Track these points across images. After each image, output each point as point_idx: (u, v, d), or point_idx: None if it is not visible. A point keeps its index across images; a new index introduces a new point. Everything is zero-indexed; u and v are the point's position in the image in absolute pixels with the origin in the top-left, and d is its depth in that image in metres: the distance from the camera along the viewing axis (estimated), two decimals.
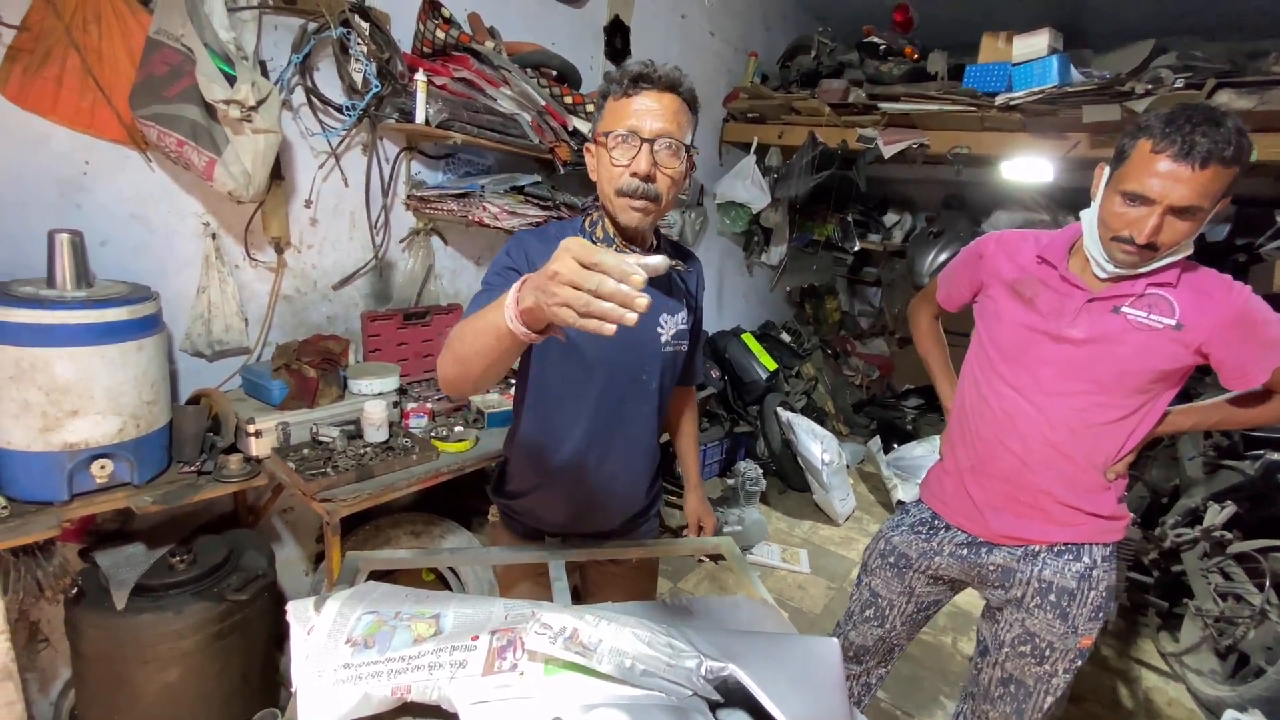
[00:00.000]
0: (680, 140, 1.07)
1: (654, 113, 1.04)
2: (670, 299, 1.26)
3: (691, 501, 1.53)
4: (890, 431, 4.25)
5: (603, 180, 1.12)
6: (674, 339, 1.26)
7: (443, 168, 2.30)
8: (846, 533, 3.31)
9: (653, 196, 1.07)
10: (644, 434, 1.31)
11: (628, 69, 1.07)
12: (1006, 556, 1.34)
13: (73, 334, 1.32)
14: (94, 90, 1.49)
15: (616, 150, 1.06)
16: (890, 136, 3.19)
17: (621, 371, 1.22)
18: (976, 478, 1.37)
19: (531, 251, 1.14)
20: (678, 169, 1.08)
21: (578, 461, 1.26)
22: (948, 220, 4.68)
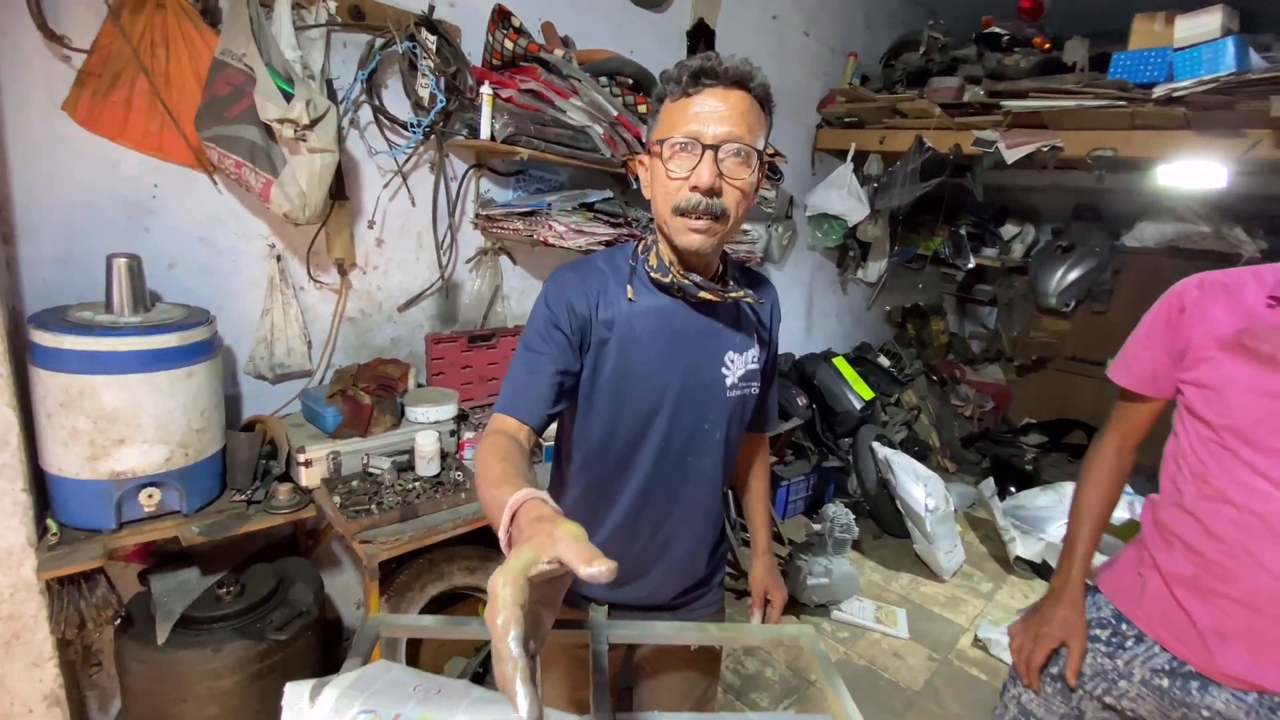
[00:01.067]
0: (750, 145, 0.88)
1: (718, 114, 0.86)
2: (738, 334, 1.05)
3: (758, 570, 1.29)
4: (1006, 472, 3.75)
5: (657, 197, 0.94)
6: (742, 381, 1.05)
7: (513, 185, 2.20)
8: (953, 591, 2.90)
9: (717, 213, 0.89)
10: (707, 493, 1.10)
11: (687, 64, 0.88)
12: (1231, 702, 0.97)
13: (120, 361, 1.29)
14: (162, 113, 1.48)
15: (673, 161, 0.89)
16: (1014, 139, 2.79)
17: (682, 422, 1.02)
18: (1201, 594, 1.00)
19: (575, 297, 0.96)
20: (747, 179, 0.89)
21: (629, 525, 1.06)
22: (1079, 233, 4.13)
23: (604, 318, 0.97)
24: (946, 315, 4.84)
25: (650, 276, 0.99)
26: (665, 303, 0.99)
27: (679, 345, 0.99)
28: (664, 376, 0.99)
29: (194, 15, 1.48)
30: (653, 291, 0.99)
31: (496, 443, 0.85)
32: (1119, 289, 4.15)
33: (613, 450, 1.02)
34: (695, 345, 1.01)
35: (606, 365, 0.98)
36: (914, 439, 4.04)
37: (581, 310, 0.96)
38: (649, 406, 1.00)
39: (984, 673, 2.37)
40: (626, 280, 0.99)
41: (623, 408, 1.00)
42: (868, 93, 3.21)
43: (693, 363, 1.01)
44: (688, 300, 0.99)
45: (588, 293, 0.97)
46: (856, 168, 3.38)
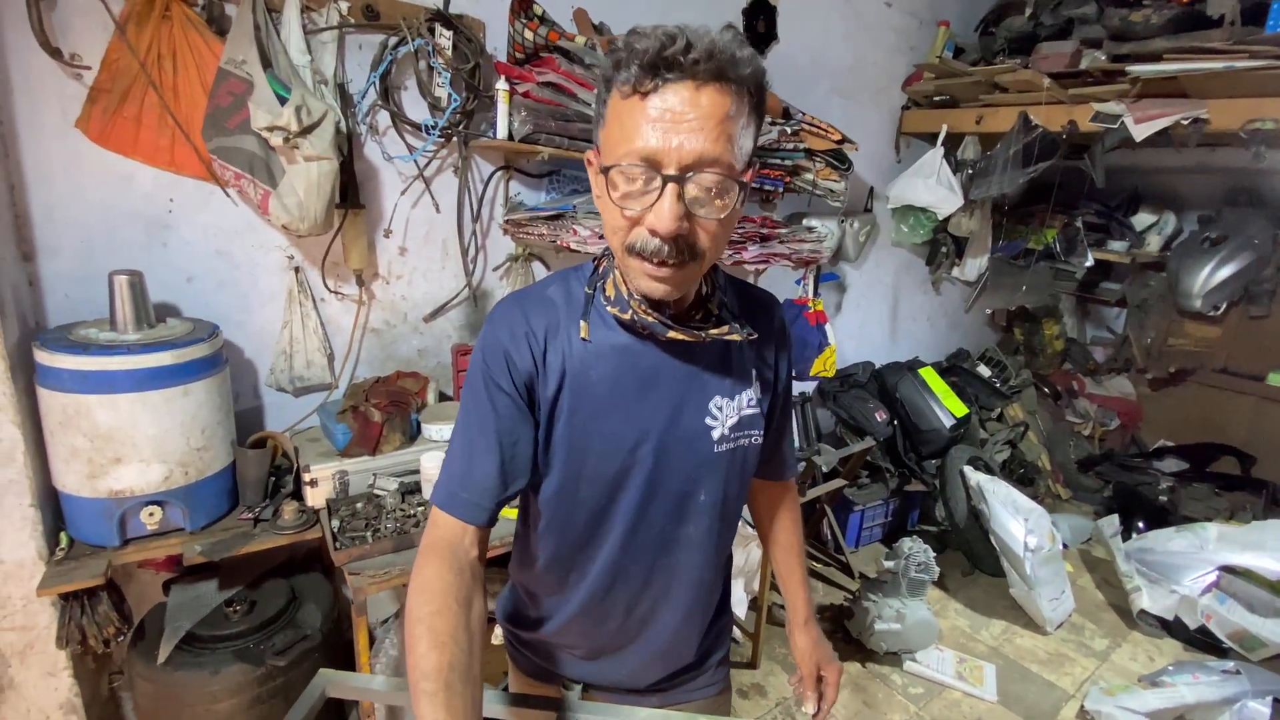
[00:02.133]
0: (732, 176, 0.65)
1: (686, 124, 0.61)
2: (728, 374, 0.83)
3: (802, 643, 1.04)
4: (1133, 504, 3.19)
5: (606, 223, 0.71)
6: (735, 431, 0.84)
7: (545, 186, 2.07)
8: (1057, 646, 2.47)
9: (684, 254, 0.67)
10: (696, 563, 0.89)
11: (635, 45, 0.62)
12: None
13: (112, 381, 1.27)
14: (172, 127, 1.47)
15: (624, 183, 0.66)
16: (1144, 111, 2.32)
17: (662, 486, 0.82)
18: None
19: (510, 343, 0.76)
20: (725, 212, 0.67)
21: (598, 601, 0.88)
22: (1233, 222, 3.45)
23: (552, 364, 0.77)
24: (1063, 318, 4.24)
25: (607, 310, 0.78)
26: (629, 341, 0.78)
27: (649, 393, 0.78)
28: (631, 433, 0.78)
29: (200, 25, 1.45)
30: (613, 327, 0.78)
31: (432, 592, 0.68)
32: None
33: (577, 518, 0.83)
34: (671, 392, 0.79)
35: (559, 422, 0.78)
36: (1019, 460, 3.55)
37: (523, 363, 0.76)
38: (615, 470, 0.79)
39: None
40: (581, 315, 0.78)
41: (582, 473, 0.80)
42: (961, 66, 2.80)
43: (669, 414, 0.79)
44: (656, 339, 0.77)
45: (532, 333, 0.77)
46: (948, 152, 2.97)
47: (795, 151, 2.17)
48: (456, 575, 0.70)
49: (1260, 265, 3.36)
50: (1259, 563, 2.37)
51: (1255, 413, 3.53)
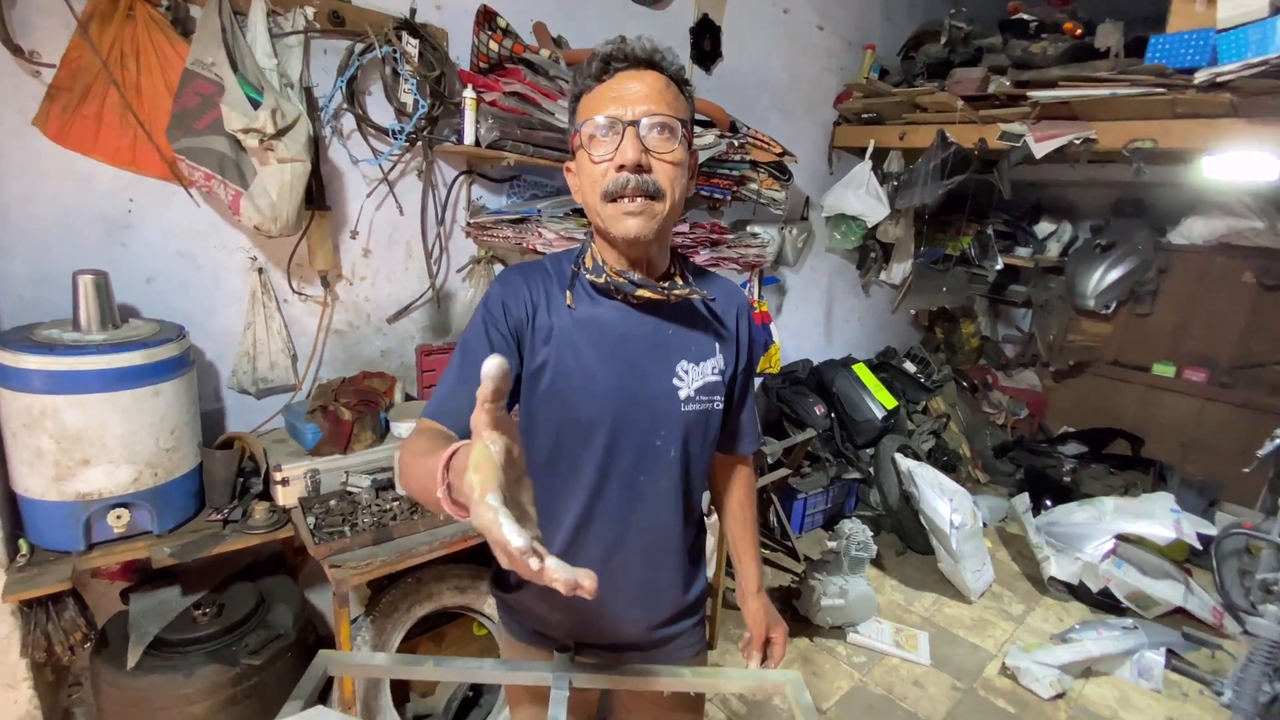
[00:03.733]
0: (671, 115, 0.84)
1: (635, 93, 0.83)
2: (691, 338, 0.96)
3: (753, 608, 1.17)
4: (1041, 485, 3.53)
5: (586, 190, 0.88)
6: (700, 393, 0.96)
7: (507, 191, 2.14)
8: (980, 613, 2.72)
9: (650, 191, 0.83)
10: (667, 515, 1.00)
11: (596, 51, 0.86)
12: None
13: (83, 380, 1.26)
14: (134, 126, 1.46)
15: (595, 146, 0.85)
16: (1044, 131, 2.62)
17: (628, 437, 0.93)
18: None
19: (513, 300, 0.90)
20: (676, 153, 0.85)
21: (575, 547, 0.97)
22: (1120, 230, 3.90)
23: (541, 324, 0.91)
24: (978, 318, 4.62)
25: (587, 279, 0.92)
26: (606, 308, 0.93)
27: (621, 353, 0.92)
28: (603, 386, 0.91)
29: (165, 25, 1.45)
30: (593, 297, 0.93)
31: (419, 439, 0.80)
32: (1164, 289, 3.89)
33: (557, 465, 0.95)
34: (640, 353, 0.93)
35: (545, 375, 0.91)
36: (942, 448, 3.85)
37: (518, 313, 0.90)
38: (589, 419, 0.92)
39: (1012, 704, 2.20)
40: (567, 286, 0.93)
41: (563, 421, 0.93)
42: (886, 87, 3.06)
43: (639, 373, 0.93)
44: (630, 304, 0.92)
45: (530, 296, 0.92)
46: (876, 165, 3.23)
47: (741, 163, 2.33)
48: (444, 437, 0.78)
49: (1144, 268, 3.81)
50: (1149, 530, 2.70)
51: (1142, 400, 3.97)
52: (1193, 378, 3.77)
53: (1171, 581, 2.70)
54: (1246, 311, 3.62)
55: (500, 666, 1.04)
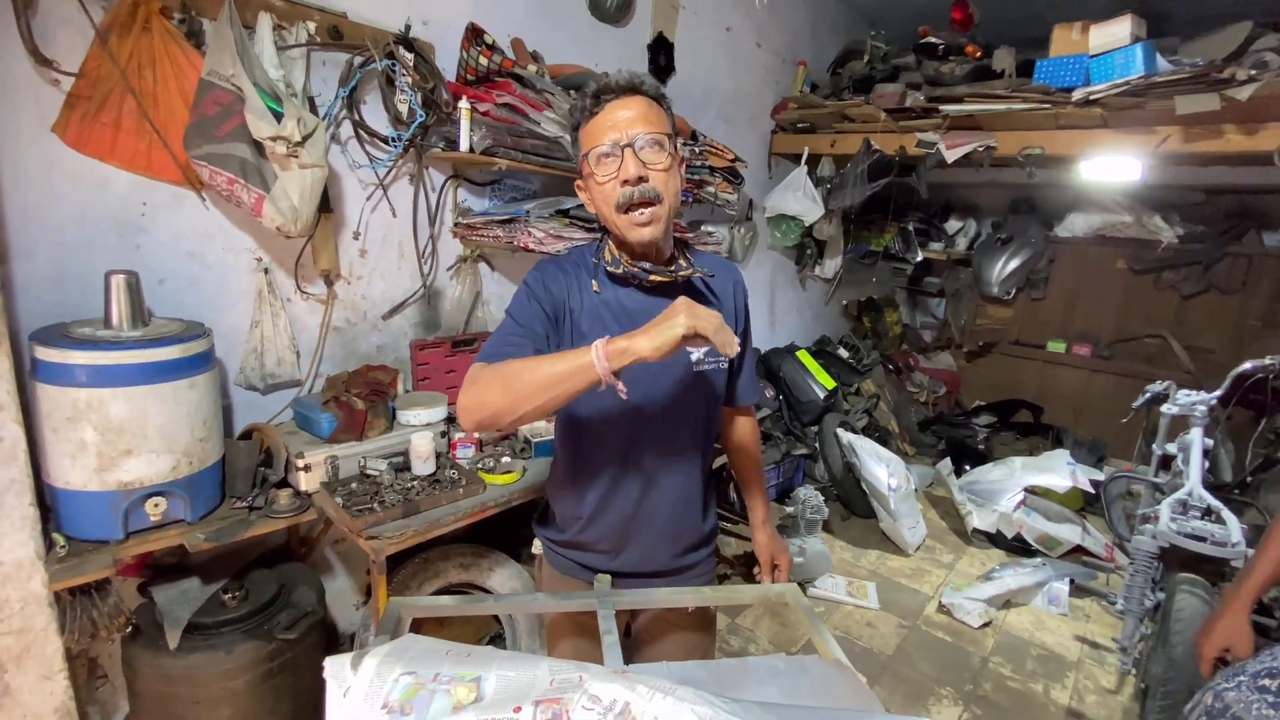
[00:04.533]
0: (660, 132, 1.02)
1: (625, 119, 1.01)
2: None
3: (761, 539, 1.40)
4: (961, 452, 3.99)
5: (599, 204, 1.07)
6: (708, 356, 1.17)
7: (489, 194, 2.29)
8: (918, 564, 3.08)
9: (651, 197, 1.02)
10: (686, 459, 1.21)
11: (586, 90, 1.04)
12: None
13: (127, 374, 1.33)
14: (150, 133, 1.52)
15: (600, 167, 1.02)
16: (953, 140, 3.01)
17: (654, 396, 1.14)
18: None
19: (551, 283, 1.10)
20: (667, 162, 1.03)
21: (617, 494, 1.18)
22: (1017, 225, 4.43)
23: (575, 304, 1.10)
24: (899, 307, 5.09)
25: (606, 271, 1.12)
26: (625, 292, 1.12)
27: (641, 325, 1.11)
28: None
29: (179, 37, 1.53)
30: (613, 284, 1.13)
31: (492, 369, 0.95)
32: (1054, 276, 4.46)
33: (590, 425, 1.15)
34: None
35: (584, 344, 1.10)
36: (874, 426, 4.24)
37: (558, 294, 1.09)
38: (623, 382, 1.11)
39: (948, 634, 2.55)
40: (592, 275, 1.12)
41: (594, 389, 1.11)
42: (817, 99, 3.40)
43: None
44: (643, 287, 1.12)
45: (564, 281, 1.11)
46: (810, 170, 3.57)
47: (701, 168, 2.57)
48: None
49: (1037, 259, 4.35)
50: (1051, 481, 3.14)
51: (1041, 374, 4.53)
52: (1080, 352, 4.35)
53: (1071, 525, 3.15)
54: (1120, 294, 4.22)
55: (552, 598, 1.22)
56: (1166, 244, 3.84)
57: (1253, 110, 2.28)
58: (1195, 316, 4.02)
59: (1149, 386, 2.45)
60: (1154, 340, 4.14)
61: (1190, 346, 3.99)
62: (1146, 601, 2.12)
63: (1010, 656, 2.43)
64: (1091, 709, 2.18)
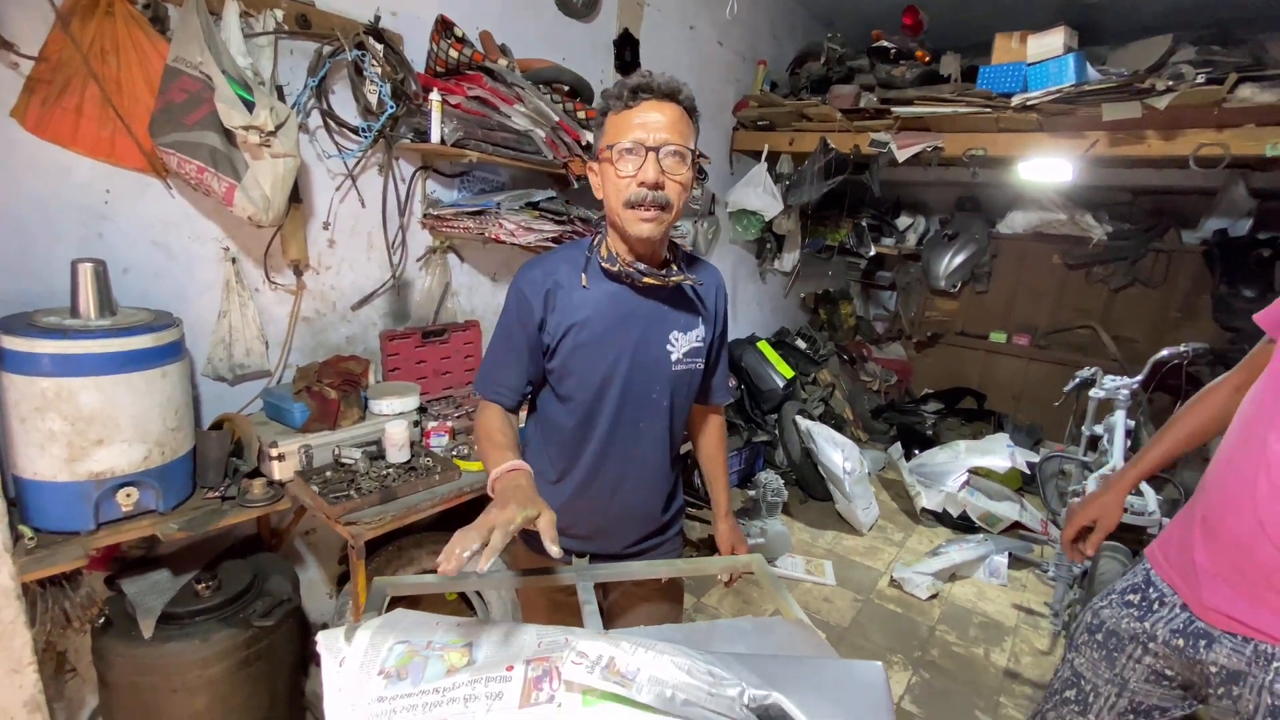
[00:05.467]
0: (685, 146, 1.06)
1: (657, 123, 1.03)
2: (681, 314, 1.22)
3: (723, 530, 1.46)
4: (911, 437, 4.19)
5: (609, 195, 1.10)
6: (686, 357, 1.23)
7: (458, 186, 2.30)
8: (871, 542, 3.25)
9: (662, 204, 1.06)
10: (658, 453, 1.28)
11: (626, 82, 1.06)
12: (1232, 655, 1.03)
13: (98, 363, 1.32)
14: (114, 120, 1.50)
15: (621, 162, 1.05)
16: (904, 140, 3.16)
17: (633, 391, 1.20)
18: (1204, 533, 1.08)
19: (531, 292, 1.16)
20: (685, 175, 1.07)
21: (592, 481, 1.25)
22: (962, 222, 4.65)
23: (561, 304, 1.15)
24: (853, 300, 5.29)
25: (601, 266, 1.16)
26: (615, 289, 1.16)
27: (628, 325, 1.17)
28: (615, 352, 1.16)
29: (143, 23, 1.51)
30: (604, 279, 1.17)
31: (494, 413, 1.13)
32: (996, 270, 4.71)
33: (575, 416, 1.21)
34: (643, 325, 1.18)
35: (567, 344, 1.16)
36: (831, 413, 4.41)
37: (537, 308, 1.15)
38: (603, 377, 1.17)
39: (900, 607, 2.71)
40: (582, 270, 1.16)
41: (581, 379, 1.18)
42: (777, 98, 3.51)
43: (641, 341, 1.18)
44: (634, 286, 1.16)
45: (546, 286, 1.15)
46: (770, 167, 3.68)
47: None
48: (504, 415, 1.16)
49: (981, 254, 4.58)
50: (992, 462, 3.35)
51: (984, 363, 4.79)
52: (1019, 342, 4.61)
53: (1010, 503, 3.37)
54: (1056, 287, 4.50)
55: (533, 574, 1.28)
56: (1097, 240, 4.11)
57: (1171, 118, 2.49)
58: (1122, 308, 4.32)
59: (1078, 373, 2.65)
60: (1085, 331, 4.43)
61: (1118, 336, 4.28)
62: (1075, 568, 2.31)
63: (955, 625, 2.60)
64: (1027, 669, 2.37)
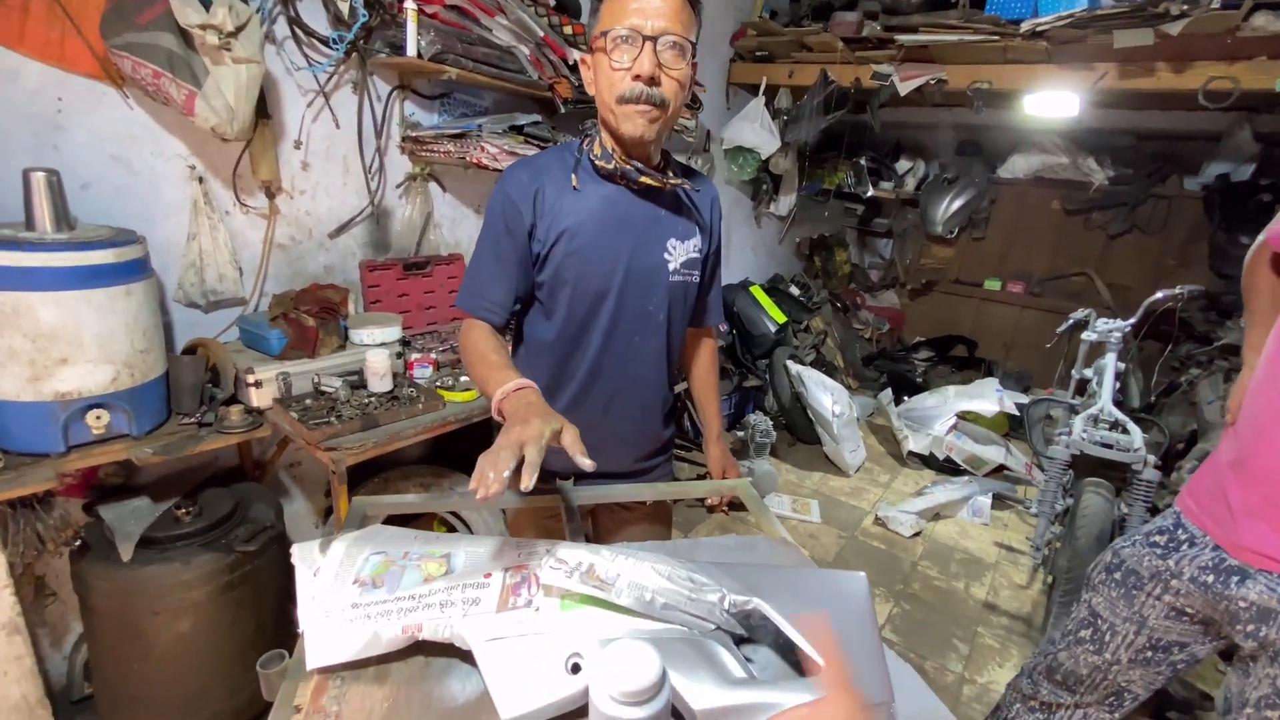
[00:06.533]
0: (685, 38, 0.98)
1: (655, 9, 0.95)
2: (678, 220, 1.15)
3: (714, 453, 1.44)
4: (900, 384, 4.19)
5: (602, 89, 1.03)
6: (684, 267, 1.17)
7: (438, 108, 2.19)
8: (857, 483, 3.28)
9: (658, 101, 0.99)
10: (653, 371, 1.23)
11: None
12: (1264, 592, 1.02)
13: (56, 277, 1.25)
14: (62, 18, 1.39)
15: (616, 52, 0.97)
16: (907, 72, 3.04)
17: (628, 303, 1.14)
18: (1237, 473, 1.07)
19: (518, 195, 1.07)
20: (684, 70, 1.00)
21: (585, 398, 1.19)
22: (962, 166, 4.55)
23: (551, 208, 1.07)
24: (849, 247, 5.21)
25: (594, 164, 1.09)
26: (610, 190, 1.09)
27: (624, 230, 1.10)
28: (611, 260, 1.10)
29: None
30: (597, 180, 1.10)
31: (483, 332, 1.06)
32: (994, 216, 4.63)
33: (568, 330, 1.15)
34: (639, 230, 1.11)
35: (558, 252, 1.09)
36: (822, 361, 4.40)
37: (526, 212, 1.07)
38: (597, 288, 1.11)
39: (883, 544, 2.75)
40: (571, 171, 1.09)
41: (575, 289, 1.11)
42: (776, 27, 3.35)
43: (637, 247, 1.11)
44: (630, 187, 1.10)
45: (534, 188, 1.07)
46: (768, 101, 3.54)
47: None
48: (494, 333, 1.08)
49: (979, 198, 4.49)
50: (980, 406, 3.36)
51: (977, 311, 4.76)
52: (1014, 290, 4.58)
53: (996, 446, 3.39)
54: (1053, 233, 4.43)
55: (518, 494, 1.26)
56: (1098, 185, 4.03)
57: (1183, 47, 2.39)
58: (1119, 255, 4.27)
59: (1071, 314, 2.61)
60: (1079, 278, 4.39)
61: (1112, 284, 4.25)
62: (1058, 505, 2.33)
63: (936, 561, 2.65)
64: (1005, 601, 2.42)
